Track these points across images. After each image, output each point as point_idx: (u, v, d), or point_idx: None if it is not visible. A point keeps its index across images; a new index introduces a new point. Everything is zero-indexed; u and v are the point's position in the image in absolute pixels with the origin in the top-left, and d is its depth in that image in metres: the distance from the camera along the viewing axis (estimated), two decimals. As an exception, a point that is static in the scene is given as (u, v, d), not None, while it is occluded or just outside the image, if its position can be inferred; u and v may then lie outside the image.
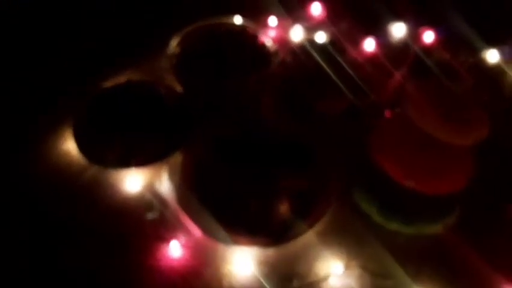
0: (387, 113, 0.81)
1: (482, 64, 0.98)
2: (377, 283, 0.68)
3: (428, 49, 1.00)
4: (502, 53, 0.97)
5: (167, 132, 0.81)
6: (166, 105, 0.83)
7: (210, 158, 0.77)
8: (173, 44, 0.87)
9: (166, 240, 0.71)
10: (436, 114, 0.62)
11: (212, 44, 0.87)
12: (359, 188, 0.75)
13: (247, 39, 0.89)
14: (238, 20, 0.95)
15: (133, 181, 0.78)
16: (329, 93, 0.86)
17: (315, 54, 0.93)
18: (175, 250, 0.71)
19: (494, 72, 0.97)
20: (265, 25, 1.02)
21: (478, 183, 0.72)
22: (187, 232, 0.72)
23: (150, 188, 0.77)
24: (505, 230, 0.73)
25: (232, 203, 0.72)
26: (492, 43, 0.99)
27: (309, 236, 0.72)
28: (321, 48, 0.95)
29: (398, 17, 1.05)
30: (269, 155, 0.77)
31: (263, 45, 0.89)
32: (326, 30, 1.02)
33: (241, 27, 0.92)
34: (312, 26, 1.05)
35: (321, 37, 1.01)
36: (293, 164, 0.76)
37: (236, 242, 0.70)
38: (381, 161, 0.71)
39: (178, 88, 0.88)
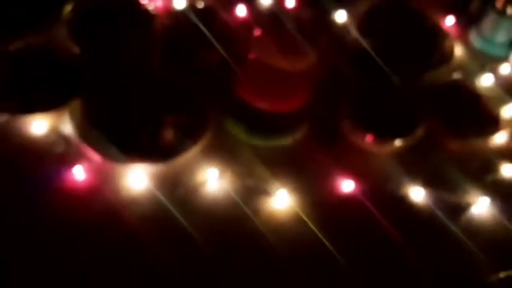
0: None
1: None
2: (244, 183, 0.89)
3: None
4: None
5: (65, 83, 0.95)
6: (62, 62, 0.97)
7: (106, 100, 0.92)
8: (68, 9, 1.01)
9: (71, 167, 0.86)
10: (275, 50, 0.84)
11: (101, 8, 1.02)
12: (230, 115, 0.95)
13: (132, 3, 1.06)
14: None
15: (39, 124, 0.91)
16: (205, 48, 1.05)
17: (194, 17, 1.12)
18: (79, 174, 0.86)
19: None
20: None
21: (319, 103, 0.97)
22: (89, 159, 0.87)
23: (54, 130, 0.91)
24: (340, 139, 0.97)
25: (126, 134, 0.89)
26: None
27: (191, 154, 0.91)
28: (199, 12, 1.14)
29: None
30: (159, 97, 0.94)
31: (145, 9, 1.06)
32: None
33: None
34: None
35: (200, 3, 1.20)
36: (177, 102, 0.95)
37: (130, 163, 0.87)
38: (244, 95, 0.91)
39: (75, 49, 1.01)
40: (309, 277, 0.81)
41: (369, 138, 0.92)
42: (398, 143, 0.93)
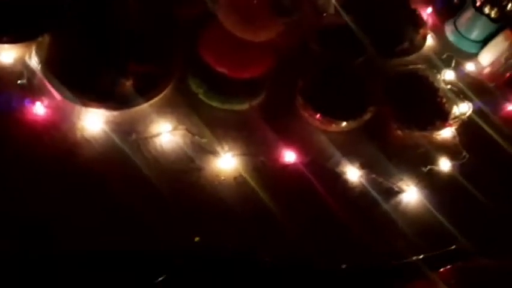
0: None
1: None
2: (195, 140, 0.94)
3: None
4: None
5: (37, 17, 0.96)
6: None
7: (74, 40, 0.95)
8: None
9: (32, 101, 0.90)
10: (237, 19, 0.86)
11: None
12: (192, 74, 0.99)
13: None
14: None
15: (5, 55, 0.94)
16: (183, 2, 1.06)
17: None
18: (39, 109, 0.90)
19: None
20: None
21: (279, 74, 1.01)
22: (50, 96, 0.91)
23: (21, 61, 0.94)
24: (292, 113, 1.02)
25: (88, 76, 0.92)
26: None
27: (149, 105, 0.95)
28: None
29: None
30: (126, 45, 0.97)
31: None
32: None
33: None
34: None
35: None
36: (145, 52, 0.98)
37: (89, 105, 0.91)
38: (207, 56, 0.94)
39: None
40: (241, 231, 0.88)
41: (317, 117, 0.97)
42: (344, 125, 0.98)
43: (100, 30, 0.97)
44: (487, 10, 1.19)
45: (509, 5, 1.16)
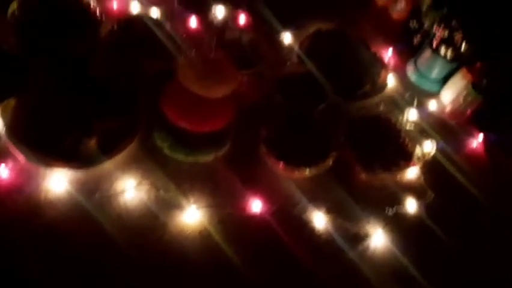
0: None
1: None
2: (160, 195, 0.95)
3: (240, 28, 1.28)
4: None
5: (4, 79, 0.98)
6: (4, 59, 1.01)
7: (39, 102, 0.97)
8: (13, 6, 1.03)
9: (-4, 164, 0.91)
10: (195, 77, 0.89)
11: (44, 10, 1.05)
12: (157, 129, 1.01)
13: (78, 7, 1.09)
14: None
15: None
16: (148, 58, 1.09)
17: (143, 26, 1.16)
18: (2, 172, 0.90)
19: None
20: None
21: (243, 125, 1.03)
22: (13, 158, 0.92)
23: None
24: (257, 162, 1.04)
25: (52, 137, 0.93)
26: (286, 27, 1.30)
27: (113, 162, 0.96)
28: (150, 21, 1.18)
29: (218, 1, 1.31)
30: (91, 103, 0.99)
31: (93, 14, 1.09)
32: (158, 7, 1.25)
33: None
34: (149, 2, 1.27)
35: (155, 12, 1.24)
36: (110, 108, 0.99)
37: (53, 166, 0.92)
38: (168, 111, 0.96)
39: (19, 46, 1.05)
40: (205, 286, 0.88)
41: (280, 165, 0.99)
42: (307, 171, 1.00)
43: (65, 90, 0.99)
44: (443, 51, 1.24)
45: (463, 45, 1.20)
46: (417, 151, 1.12)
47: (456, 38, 1.19)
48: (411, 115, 1.21)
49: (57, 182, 0.92)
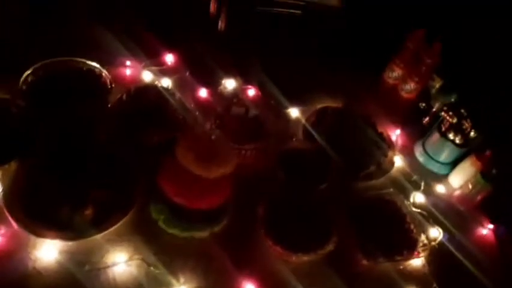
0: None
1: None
2: (151, 271, 0.92)
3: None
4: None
5: (8, 141, 1.00)
6: (12, 120, 1.03)
7: (39, 169, 0.97)
8: (27, 72, 1.08)
9: (-11, 228, 0.90)
10: (193, 157, 0.89)
11: (57, 77, 1.09)
12: (154, 201, 0.99)
13: (90, 77, 1.13)
14: (93, 64, 1.17)
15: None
16: (153, 126, 1.11)
17: (153, 94, 1.19)
18: (-6, 238, 0.89)
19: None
20: (120, 66, 1.27)
21: (238, 204, 1.01)
22: (7, 224, 0.91)
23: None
24: (254, 242, 1.00)
25: (48, 206, 0.93)
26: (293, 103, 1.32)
27: (107, 233, 0.94)
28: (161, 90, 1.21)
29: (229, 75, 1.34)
30: (90, 172, 0.99)
31: (104, 85, 1.13)
32: (170, 77, 1.29)
33: (88, 66, 1.15)
34: (161, 72, 1.31)
35: (166, 82, 1.28)
36: (106, 180, 0.99)
37: (45, 236, 0.91)
38: (166, 186, 0.95)
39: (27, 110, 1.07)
40: None
41: (277, 249, 0.95)
42: (306, 257, 0.96)
43: (66, 158, 1.00)
44: (451, 136, 1.22)
45: (472, 132, 1.19)
46: (423, 239, 1.07)
47: (465, 125, 1.18)
48: (418, 198, 1.18)
49: (48, 251, 0.90)
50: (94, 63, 1.15)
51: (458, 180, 1.23)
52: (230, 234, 1.00)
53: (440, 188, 1.24)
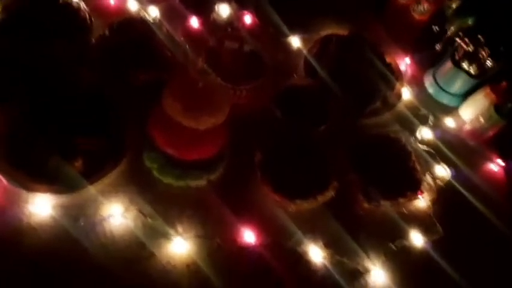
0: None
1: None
2: (147, 222, 0.90)
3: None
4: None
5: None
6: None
7: (20, 120, 0.91)
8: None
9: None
10: (180, 107, 0.81)
11: (28, 14, 0.98)
12: (146, 151, 0.94)
13: (67, 12, 1.01)
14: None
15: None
16: (138, 64, 1.01)
17: (138, 29, 1.08)
18: (-16, 194, 0.87)
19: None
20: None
21: (234, 149, 0.96)
22: (-4, 179, 0.88)
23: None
24: (252, 188, 0.97)
25: (34, 159, 0.88)
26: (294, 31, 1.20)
27: (100, 184, 0.91)
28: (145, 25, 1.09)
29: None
30: (74, 117, 0.92)
31: (83, 20, 1.02)
32: (157, 5, 1.16)
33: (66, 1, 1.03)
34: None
35: (153, 11, 1.15)
36: (93, 126, 0.93)
37: (36, 190, 0.88)
38: (156, 136, 0.90)
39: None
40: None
41: (276, 197, 0.92)
42: (306, 204, 0.93)
43: (48, 103, 0.93)
44: (465, 66, 1.12)
45: (488, 61, 1.09)
46: (427, 178, 1.03)
47: (481, 53, 1.07)
48: (424, 134, 1.12)
49: (41, 207, 0.87)
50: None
51: (470, 113, 1.16)
52: (227, 182, 0.96)
53: (449, 122, 1.17)
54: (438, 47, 1.25)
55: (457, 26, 1.19)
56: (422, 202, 1.02)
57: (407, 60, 1.23)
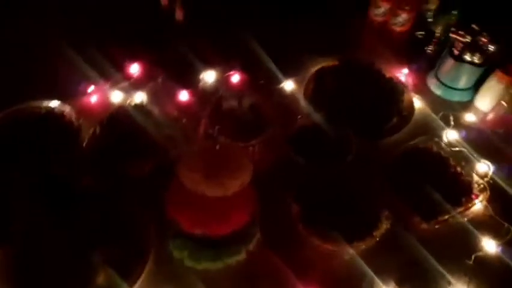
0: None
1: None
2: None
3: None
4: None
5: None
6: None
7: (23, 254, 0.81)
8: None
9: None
10: (200, 177, 0.72)
11: (12, 132, 0.94)
12: (171, 239, 0.84)
13: (52, 120, 0.96)
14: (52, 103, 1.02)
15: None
16: (137, 156, 0.94)
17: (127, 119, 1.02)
18: None
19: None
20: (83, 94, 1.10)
21: (264, 209, 0.86)
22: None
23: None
24: (298, 243, 0.86)
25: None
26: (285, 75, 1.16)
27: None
28: (136, 110, 1.04)
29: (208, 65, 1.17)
30: (87, 228, 0.83)
31: (69, 125, 0.97)
32: (142, 90, 1.12)
33: (45, 108, 0.99)
34: (131, 86, 1.14)
35: (139, 97, 1.11)
36: (108, 236, 0.84)
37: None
38: (177, 218, 0.80)
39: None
40: None
41: (329, 247, 0.82)
42: (363, 243, 0.83)
43: (55, 223, 0.84)
44: (468, 57, 1.08)
45: (490, 47, 1.05)
46: (476, 178, 0.95)
47: (481, 41, 1.04)
48: (450, 136, 1.05)
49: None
50: (51, 102, 0.99)
51: (487, 102, 1.10)
52: (269, 246, 0.86)
53: (469, 117, 1.10)
54: (429, 49, 1.22)
55: (443, 25, 1.17)
56: (478, 205, 0.93)
57: (405, 70, 1.19)
